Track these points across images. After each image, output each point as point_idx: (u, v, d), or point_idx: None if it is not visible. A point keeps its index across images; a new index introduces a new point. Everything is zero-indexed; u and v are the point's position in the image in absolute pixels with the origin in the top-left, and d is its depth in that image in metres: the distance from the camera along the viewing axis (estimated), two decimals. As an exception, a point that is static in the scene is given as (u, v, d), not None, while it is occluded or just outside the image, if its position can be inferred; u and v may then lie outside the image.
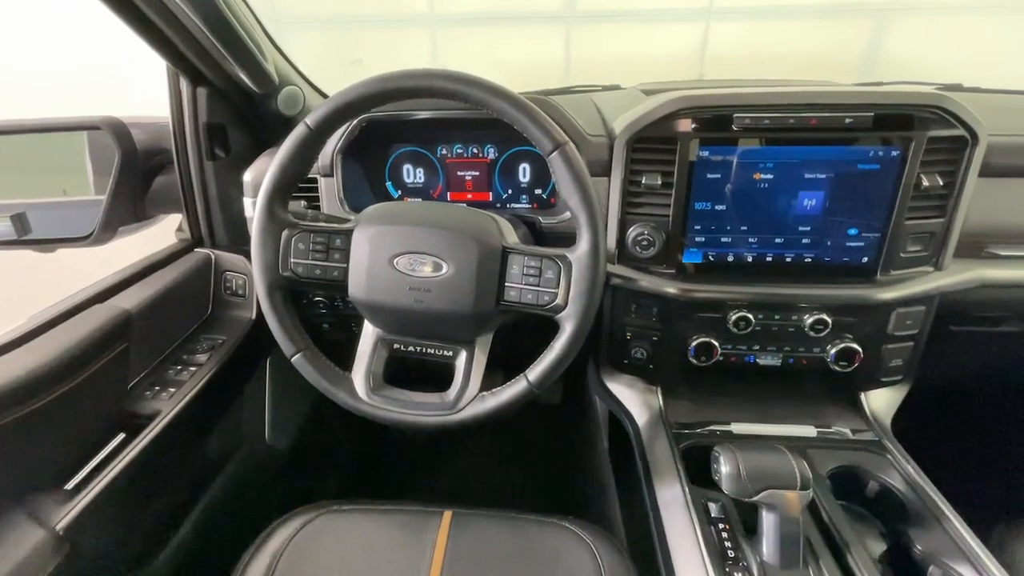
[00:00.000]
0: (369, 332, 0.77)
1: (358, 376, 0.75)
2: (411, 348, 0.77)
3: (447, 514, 0.83)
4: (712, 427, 0.91)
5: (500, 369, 1.37)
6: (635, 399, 0.99)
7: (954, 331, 0.99)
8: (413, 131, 1.04)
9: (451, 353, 0.76)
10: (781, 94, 0.80)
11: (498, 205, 1.07)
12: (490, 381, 1.38)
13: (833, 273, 0.87)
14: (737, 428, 0.90)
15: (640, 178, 0.86)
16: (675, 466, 0.82)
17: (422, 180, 1.07)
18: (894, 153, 0.80)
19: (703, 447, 0.87)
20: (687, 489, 0.78)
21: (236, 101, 0.98)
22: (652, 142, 0.84)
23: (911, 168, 0.80)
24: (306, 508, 0.85)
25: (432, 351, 0.77)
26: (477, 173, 1.06)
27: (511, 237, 0.73)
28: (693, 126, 0.82)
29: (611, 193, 0.89)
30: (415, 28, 3.90)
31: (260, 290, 0.72)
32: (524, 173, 1.04)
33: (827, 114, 0.79)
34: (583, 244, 0.67)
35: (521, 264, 0.69)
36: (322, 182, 0.97)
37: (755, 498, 0.66)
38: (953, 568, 0.67)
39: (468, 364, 0.75)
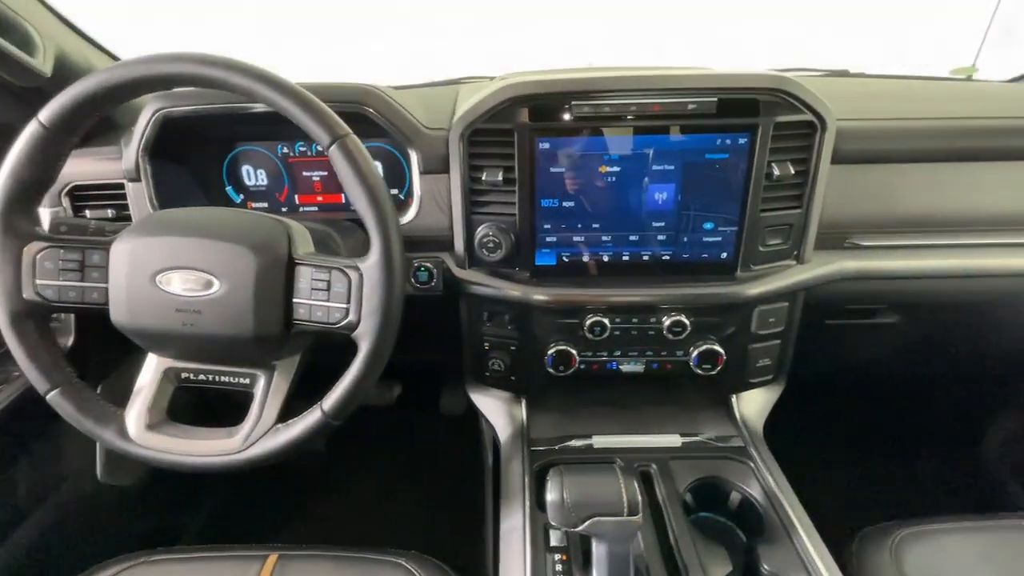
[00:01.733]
0: (152, 361, 0.66)
1: (132, 413, 0.64)
2: (202, 377, 0.67)
3: (272, 557, 0.73)
4: (574, 441, 0.84)
5: (397, 380, 1.29)
6: (499, 412, 0.91)
7: (829, 325, 0.96)
8: (251, 126, 0.93)
9: (248, 381, 0.67)
10: (618, 79, 0.73)
11: (351, 208, 0.97)
12: (388, 392, 1.30)
13: (693, 271, 0.82)
14: (599, 441, 0.84)
15: (481, 174, 0.78)
16: (523, 490, 0.75)
17: (265, 182, 0.96)
18: (741, 140, 0.75)
19: (559, 465, 0.80)
20: (528, 516, 0.71)
21: (16, 96, 0.85)
22: (489, 135, 0.77)
23: (760, 156, 0.75)
24: (120, 559, 0.74)
25: (227, 379, 0.67)
26: (326, 173, 0.96)
27: (303, 247, 0.63)
28: (529, 116, 0.75)
29: (452, 191, 0.81)
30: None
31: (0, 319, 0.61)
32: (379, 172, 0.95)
33: (669, 100, 0.73)
34: (373, 252, 0.59)
35: (309, 277, 0.60)
36: (129, 188, 0.85)
37: (580, 528, 0.59)
38: None
39: (265, 393, 0.65)
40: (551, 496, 0.61)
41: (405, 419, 1.57)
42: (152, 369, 0.66)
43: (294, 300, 0.61)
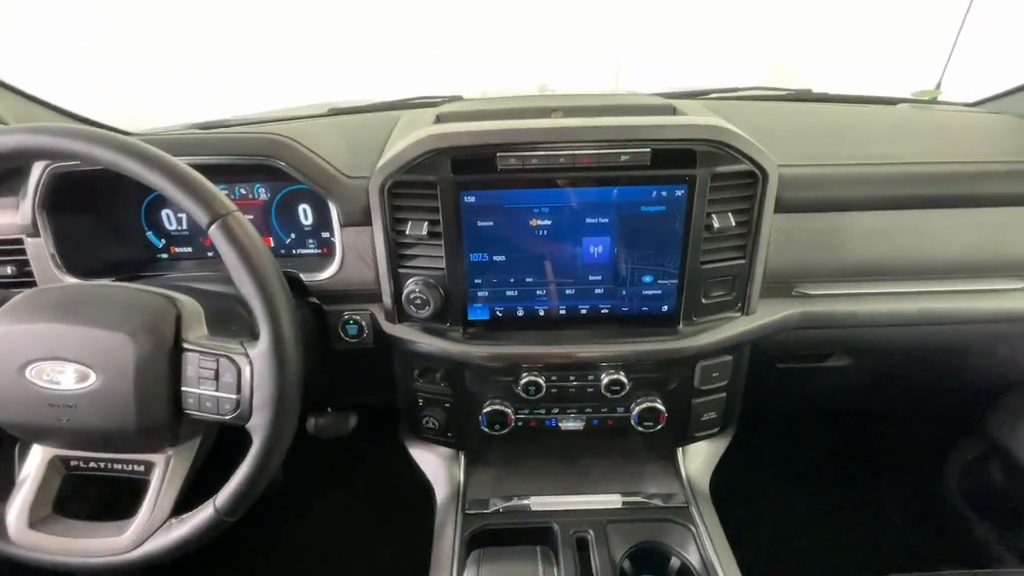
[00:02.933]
0: (36, 450, 0.61)
1: (14, 508, 0.59)
2: (93, 465, 0.62)
3: None
4: (512, 502, 0.81)
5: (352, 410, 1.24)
6: (436, 469, 0.87)
7: (781, 369, 0.93)
8: None
9: (143, 468, 0.62)
10: (545, 130, 0.68)
11: (283, 251, 0.92)
12: (344, 423, 1.25)
13: (634, 324, 0.78)
14: (537, 503, 0.80)
15: (404, 227, 0.73)
16: (452, 562, 0.71)
17: (187, 227, 0.91)
18: (679, 192, 0.71)
19: (493, 532, 0.77)
20: None
21: None
22: (411, 187, 0.72)
23: (699, 208, 0.70)
24: None
25: (120, 467, 0.62)
26: (251, 216, 0.90)
27: (193, 329, 0.58)
28: (452, 168, 0.70)
29: (375, 245, 0.76)
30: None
31: None
32: (306, 215, 0.90)
33: (601, 151, 0.69)
34: (263, 341, 0.54)
35: (196, 364, 0.56)
36: (29, 243, 0.79)
37: None
38: None
39: (160, 481, 0.60)
40: None
41: (364, 449, 1.53)
42: (38, 458, 0.61)
43: (182, 388, 0.56)
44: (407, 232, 0.73)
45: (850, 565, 0.79)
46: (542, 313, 0.78)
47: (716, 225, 0.72)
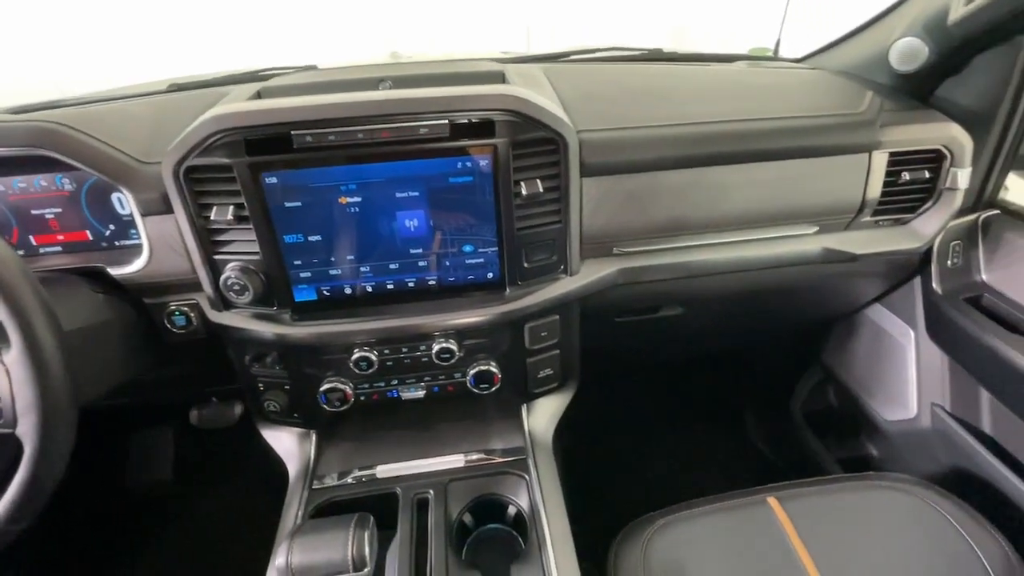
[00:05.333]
0: None
1: None
2: None
3: None
4: (358, 473, 0.83)
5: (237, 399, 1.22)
6: (288, 449, 0.88)
7: (620, 322, 0.99)
8: None
9: None
10: (337, 105, 0.67)
11: (104, 244, 0.87)
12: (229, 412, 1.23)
13: (463, 292, 0.80)
14: (383, 471, 0.83)
15: (209, 213, 0.71)
16: (290, 539, 0.73)
17: None
18: (483, 162, 0.72)
19: (338, 503, 0.79)
20: (287, 568, 0.70)
21: None
22: (208, 171, 0.69)
23: (505, 176, 0.72)
24: None
25: None
26: (60, 209, 0.84)
27: None
28: (247, 150, 0.68)
29: (183, 233, 0.73)
30: None
31: None
32: (121, 204, 0.85)
33: (399, 124, 0.69)
34: (13, 345, 0.52)
35: None
36: None
37: None
38: None
39: None
40: (278, 561, 0.60)
41: (252, 438, 1.52)
42: None
43: None
44: (212, 218, 0.71)
45: (713, 482, 0.88)
46: (370, 289, 0.79)
47: (525, 192, 0.74)
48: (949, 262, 0.97)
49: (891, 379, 1.12)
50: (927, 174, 0.88)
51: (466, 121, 0.69)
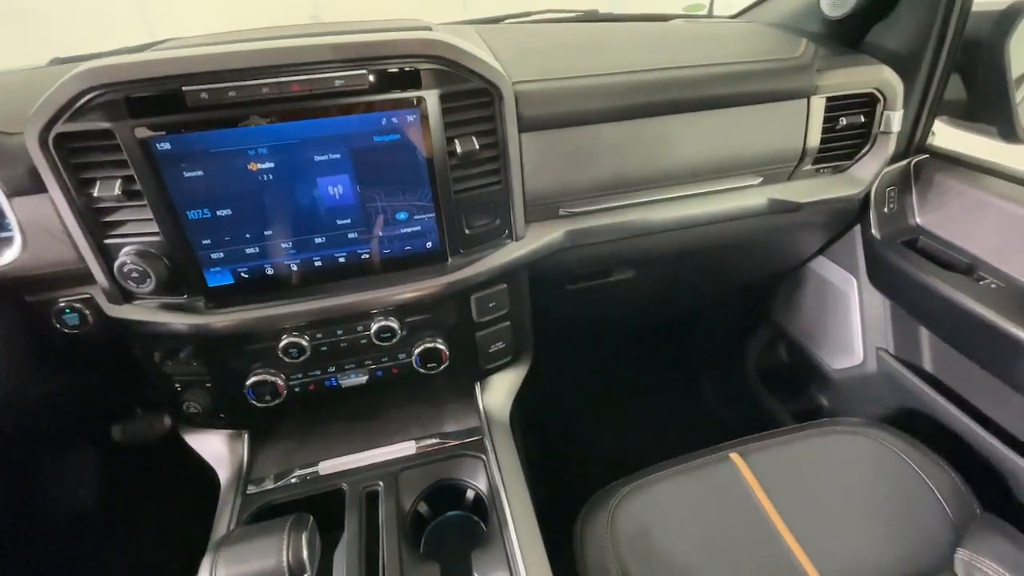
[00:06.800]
0: None
1: None
2: None
3: None
4: (299, 472, 0.76)
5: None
6: (217, 453, 0.80)
7: (571, 290, 0.95)
8: None
9: None
10: (236, 54, 0.58)
11: None
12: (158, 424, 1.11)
13: (402, 266, 0.74)
14: (326, 467, 0.76)
15: (92, 189, 0.61)
16: (213, 551, 0.65)
17: None
18: (411, 117, 0.65)
19: (276, 507, 0.72)
20: None
21: None
22: (85, 138, 0.59)
23: (436, 133, 0.66)
24: None
25: None
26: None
27: None
28: (129, 111, 0.58)
29: (61, 214, 0.63)
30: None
31: None
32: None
33: (311, 76, 0.61)
34: None
35: None
36: None
37: None
38: None
39: None
40: None
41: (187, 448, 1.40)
42: None
43: None
44: (96, 195, 0.61)
45: (673, 448, 0.86)
46: (295, 268, 0.71)
47: (460, 150, 0.68)
48: (885, 208, 0.99)
49: (837, 328, 1.15)
50: (862, 118, 0.88)
51: (388, 71, 0.63)
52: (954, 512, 0.76)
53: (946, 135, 1.03)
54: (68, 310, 0.69)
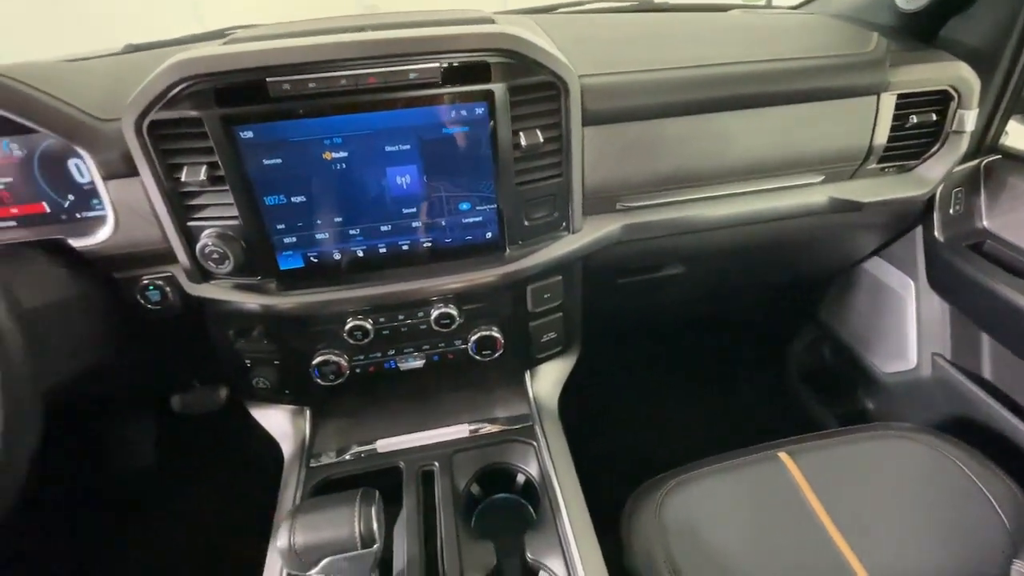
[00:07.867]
0: None
1: None
2: None
3: None
4: (358, 448, 0.79)
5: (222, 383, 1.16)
6: (281, 428, 0.84)
7: (622, 284, 0.96)
8: None
9: None
10: (317, 47, 0.61)
11: (64, 217, 0.79)
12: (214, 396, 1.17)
13: (461, 255, 0.76)
14: (383, 445, 0.79)
15: (180, 174, 0.65)
16: (291, 518, 0.70)
17: None
18: (479, 110, 0.67)
19: (338, 481, 0.76)
20: (290, 549, 0.66)
21: None
22: (175, 126, 0.62)
23: (503, 126, 0.67)
24: None
25: None
26: (10, 179, 0.76)
27: None
28: (217, 100, 0.61)
29: (151, 197, 0.66)
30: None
31: None
32: (80, 171, 0.77)
33: (386, 68, 0.63)
34: None
35: None
36: None
37: (315, 571, 0.55)
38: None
39: None
40: (280, 543, 0.56)
41: (239, 422, 1.47)
42: None
43: None
44: (183, 179, 0.64)
45: (709, 442, 0.87)
46: (361, 254, 0.73)
47: (524, 143, 0.69)
48: (951, 210, 0.96)
49: (890, 331, 1.12)
50: (934, 116, 0.85)
51: (459, 64, 0.64)
52: (1012, 523, 0.75)
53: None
54: (151, 287, 0.73)
